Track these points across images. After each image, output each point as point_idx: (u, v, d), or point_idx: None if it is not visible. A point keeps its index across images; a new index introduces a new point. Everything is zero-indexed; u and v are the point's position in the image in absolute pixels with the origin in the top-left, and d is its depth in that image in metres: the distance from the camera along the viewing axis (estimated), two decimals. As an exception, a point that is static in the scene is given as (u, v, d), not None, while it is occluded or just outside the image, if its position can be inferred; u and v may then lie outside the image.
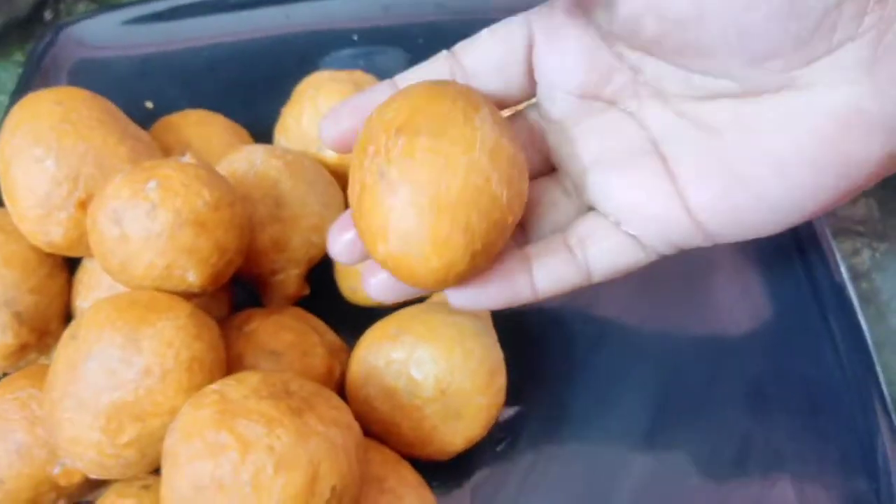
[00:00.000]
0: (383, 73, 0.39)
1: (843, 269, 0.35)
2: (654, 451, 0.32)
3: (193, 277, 0.27)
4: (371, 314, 0.34)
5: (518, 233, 0.26)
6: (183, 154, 0.29)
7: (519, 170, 0.23)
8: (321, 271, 0.33)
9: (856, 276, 0.38)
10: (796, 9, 0.19)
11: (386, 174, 0.22)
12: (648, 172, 0.24)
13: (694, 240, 0.24)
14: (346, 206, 0.34)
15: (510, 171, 0.22)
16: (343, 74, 0.35)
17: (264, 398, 0.23)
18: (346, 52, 0.42)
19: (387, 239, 0.22)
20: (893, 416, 0.32)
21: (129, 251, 0.26)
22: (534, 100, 0.26)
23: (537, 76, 0.25)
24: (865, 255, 0.39)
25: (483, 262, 0.23)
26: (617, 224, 0.24)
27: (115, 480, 0.27)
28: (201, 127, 0.34)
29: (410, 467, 0.28)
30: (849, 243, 0.39)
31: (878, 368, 0.33)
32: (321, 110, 0.34)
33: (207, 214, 0.26)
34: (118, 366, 0.24)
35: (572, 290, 0.26)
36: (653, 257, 0.25)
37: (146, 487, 0.27)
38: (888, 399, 0.32)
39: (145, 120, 0.37)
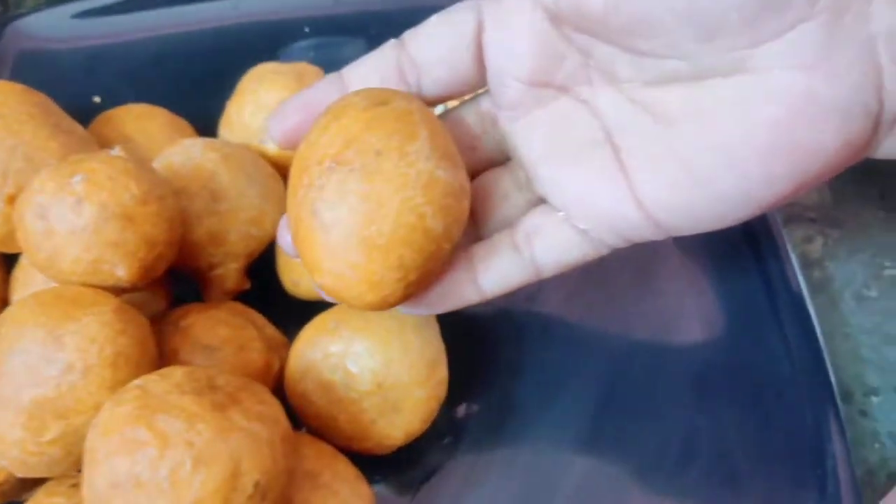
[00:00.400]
0: (336, 64, 0.39)
1: (793, 258, 0.35)
2: (599, 444, 0.32)
3: (122, 272, 0.26)
4: (315, 307, 0.33)
5: (470, 226, 0.26)
6: (115, 148, 0.28)
7: (455, 196, 0.23)
8: (263, 265, 0.33)
9: (808, 263, 0.38)
10: None
11: (318, 213, 0.22)
12: (600, 165, 0.23)
13: (645, 233, 0.23)
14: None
15: (445, 201, 0.22)
16: (286, 67, 0.35)
17: (186, 393, 0.23)
18: (298, 44, 0.41)
19: (322, 274, 0.22)
20: (840, 405, 0.32)
21: (56, 246, 0.26)
22: (486, 88, 0.25)
23: (487, 63, 0.24)
24: (818, 242, 0.39)
25: (420, 288, 0.23)
26: (566, 218, 0.24)
27: (48, 479, 0.27)
28: (142, 121, 0.34)
29: (347, 461, 0.28)
30: (801, 231, 0.39)
31: (827, 358, 0.33)
32: (263, 103, 0.33)
33: (135, 208, 0.26)
34: (40, 362, 0.24)
35: (521, 287, 0.25)
36: (603, 251, 0.25)
37: (76, 486, 0.26)
38: (835, 389, 0.32)
39: (93, 114, 0.36)
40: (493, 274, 0.25)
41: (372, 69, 0.25)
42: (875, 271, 0.38)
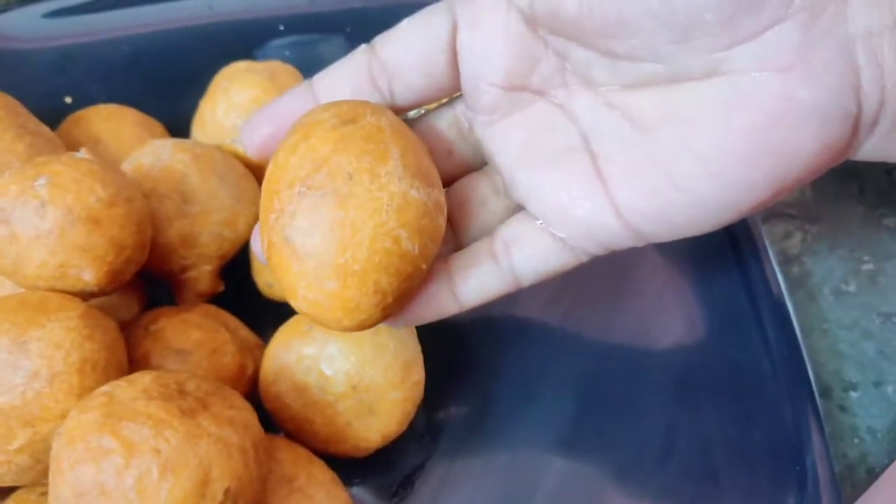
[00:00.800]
0: (312, 62, 0.38)
1: (772, 255, 0.35)
2: (579, 443, 0.31)
3: (90, 276, 0.26)
4: (290, 309, 0.33)
5: (448, 233, 0.26)
6: (81, 150, 0.28)
7: (430, 216, 0.22)
8: (237, 266, 0.32)
9: (787, 259, 0.38)
10: None
11: (291, 240, 0.21)
12: (577, 171, 0.23)
13: (625, 241, 0.23)
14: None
15: (420, 222, 0.22)
16: (259, 65, 0.34)
17: (154, 399, 0.23)
18: (273, 42, 0.41)
19: (297, 300, 0.22)
20: (819, 400, 0.32)
21: (20, 250, 0.25)
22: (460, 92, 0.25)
23: (461, 66, 0.24)
24: (797, 238, 0.38)
25: (397, 308, 0.23)
26: (544, 226, 0.24)
27: (18, 487, 0.27)
28: (112, 122, 0.33)
29: (323, 465, 0.28)
30: (780, 226, 0.39)
31: (805, 354, 0.33)
32: (235, 102, 0.33)
33: (101, 211, 0.26)
34: (5, 369, 0.23)
35: (500, 296, 0.25)
36: (583, 258, 0.24)
37: (45, 494, 0.26)
38: (813, 384, 0.32)
39: (64, 115, 0.36)
40: (471, 285, 0.24)
41: (343, 76, 0.24)
42: (853, 266, 0.38)
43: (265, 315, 0.32)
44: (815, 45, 0.19)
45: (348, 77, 0.24)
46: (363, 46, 0.24)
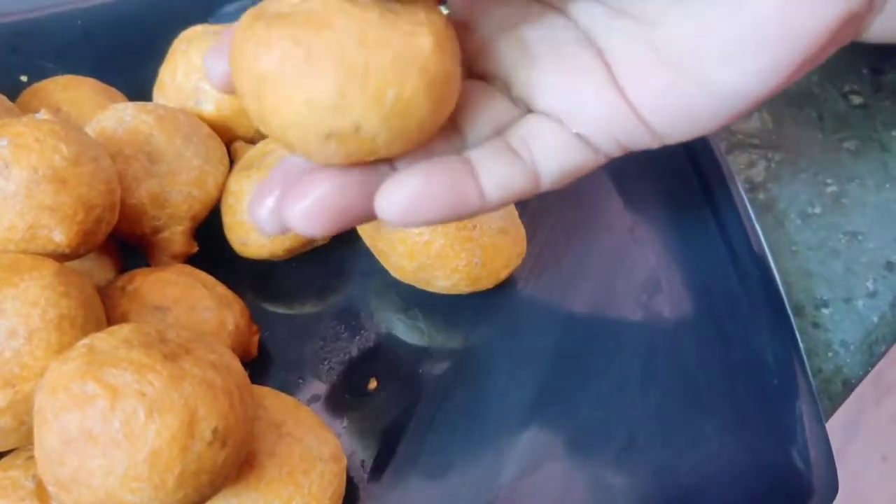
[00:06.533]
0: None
1: (739, 183, 0.36)
2: (560, 374, 0.32)
3: (60, 237, 0.26)
4: (265, 266, 0.33)
5: (454, 133, 0.23)
6: (41, 111, 0.27)
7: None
8: (209, 228, 0.32)
9: (753, 187, 0.39)
10: None
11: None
12: (586, 68, 0.22)
13: (642, 138, 0.22)
14: (229, 159, 0.33)
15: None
16: (217, 27, 0.34)
17: (135, 347, 0.23)
18: (227, 8, 0.41)
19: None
20: (792, 318, 0.33)
21: (-13, 214, 0.25)
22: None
23: None
24: (761, 166, 0.39)
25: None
26: (560, 122, 0.22)
27: (5, 453, 0.26)
28: (70, 91, 0.33)
29: (309, 410, 0.28)
30: (744, 156, 0.39)
31: (776, 275, 0.34)
32: (195, 64, 0.33)
33: (68, 170, 0.25)
34: (-20, 331, 0.23)
35: (521, 197, 0.23)
36: (601, 160, 0.23)
37: (32, 458, 0.26)
38: (786, 303, 0.33)
39: (20, 94, 0.35)
40: (494, 178, 0.22)
41: None
42: (818, 189, 0.38)
43: (241, 274, 0.32)
44: None
45: None
46: None
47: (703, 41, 0.20)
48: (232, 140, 0.34)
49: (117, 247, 0.31)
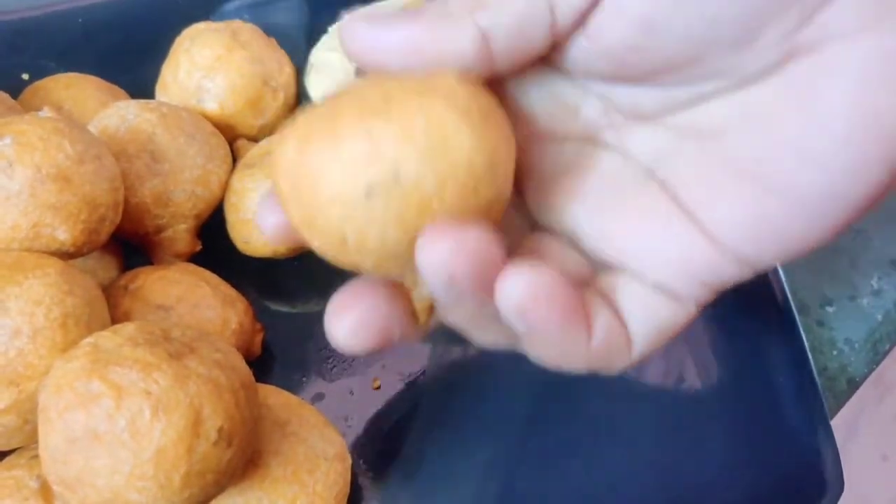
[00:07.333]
0: (269, 26, 0.38)
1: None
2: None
3: (64, 235, 0.25)
4: (270, 265, 0.33)
5: None
6: (44, 109, 0.27)
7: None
8: (212, 226, 0.32)
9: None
10: None
11: None
12: (651, 206, 0.19)
13: (728, 270, 0.18)
14: (232, 157, 0.33)
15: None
16: (220, 25, 0.34)
17: (140, 345, 0.22)
18: (230, 5, 0.40)
19: None
20: (797, 316, 0.33)
21: (-9, 213, 0.25)
22: None
23: None
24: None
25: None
26: (634, 275, 0.19)
27: (9, 452, 0.26)
28: (72, 89, 0.33)
29: (314, 409, 0.28)
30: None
31: (782, 274, 0.34)
32: (198, 62, 0.33)
33: (71, 168, 0.25)
34: (-16, 330, 0.23)
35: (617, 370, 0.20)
36: (692, 310, 0.19)
37: (37, 457, 0.26)
38: (791, 302, 0.33)
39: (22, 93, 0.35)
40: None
41: None
42: (821, 187, 0.38)
43: (244, 273, 0.32)
44: None
45: None
46: None
47: (772, 142, 0.17)
48: (235, 138, 0.34)
49: (120, 245, 0.31)
